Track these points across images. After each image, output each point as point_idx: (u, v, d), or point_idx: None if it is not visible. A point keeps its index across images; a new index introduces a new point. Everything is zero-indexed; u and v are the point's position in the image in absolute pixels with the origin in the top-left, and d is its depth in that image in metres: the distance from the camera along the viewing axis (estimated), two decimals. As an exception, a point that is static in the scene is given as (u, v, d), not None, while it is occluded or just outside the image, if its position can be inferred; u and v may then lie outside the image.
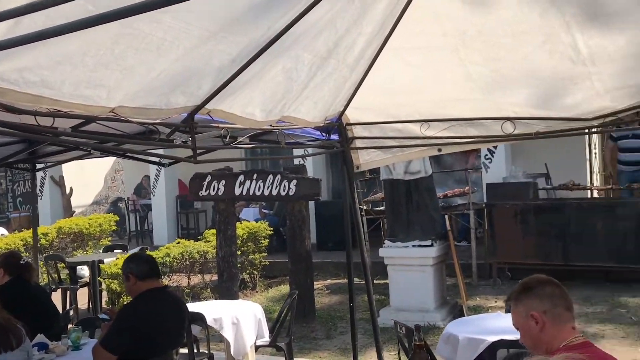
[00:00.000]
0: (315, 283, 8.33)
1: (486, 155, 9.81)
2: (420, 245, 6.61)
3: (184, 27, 2.06)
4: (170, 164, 4.74)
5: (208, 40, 2.23)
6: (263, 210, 11.21)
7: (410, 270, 6.63)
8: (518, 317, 2.23)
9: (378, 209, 8.90)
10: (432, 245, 6.58)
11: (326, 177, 11.76)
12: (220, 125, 2.85)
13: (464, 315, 6.20)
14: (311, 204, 9.23)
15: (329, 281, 9.12)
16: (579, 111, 3.36)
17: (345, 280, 5.82)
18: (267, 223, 9.53)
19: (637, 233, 7.06)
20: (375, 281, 8.45)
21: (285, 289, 8.41)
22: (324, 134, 3.83)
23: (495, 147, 9.50)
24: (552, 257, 7.47)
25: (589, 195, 9.34)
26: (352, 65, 3.14)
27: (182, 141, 2.94)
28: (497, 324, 4.16)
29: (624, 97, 3.16)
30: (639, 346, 5.48)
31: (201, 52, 2.29)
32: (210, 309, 5.10)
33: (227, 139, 2.90)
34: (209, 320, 4.81)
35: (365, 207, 8.89)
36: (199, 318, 4.68)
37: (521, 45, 2.90)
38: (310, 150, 6.81)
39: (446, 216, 7.38)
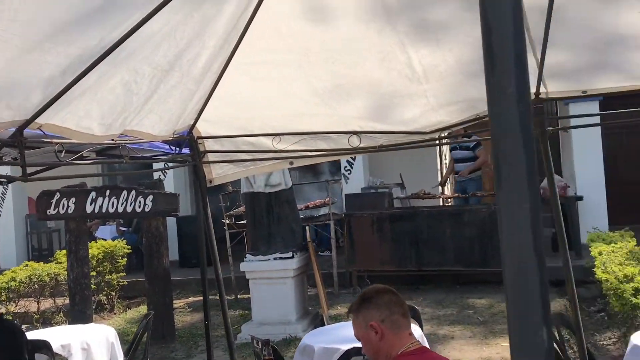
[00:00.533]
0: (176, 301, 8.11)
1: (345, 166, 10.12)
2: (281, 258, 6.65)
3: (2, 36, 1.92)
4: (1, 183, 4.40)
5: (33, 51, 2.09)
6: (121, 228, 10.75)
7: (271, 283, 6.65)
8: (358, 329, 2.30)
9: (241, 222, 8.86)
10: (292, 257, 6.65)
11: (189, 192, 11.53)
12: (54, 140, 2.69)
13: (324, 325, 6.32)
14: (173, 219, 9.00)
15: (191, 299, 8.92)
16: (418, 125, 3.56)
17: (210, 297, 5.72)
18: (124, 241, 9.15)
19: (482, 238, 7.60)
20: (239, 296, 8.40)
21: (145, 309, 8.10)
22: (173, 148, 3.74)
23: (353, 159, 9.83)
24: (407, 263, 7.85)
25: (441, 203, 9.94)
26: (198, 79, 3.09)
27: (12, 158, 2.74)
28: (353, 332, 4.27)
29: (456, 112, 3.39)
30: (484, 345, 5.88)
31: (26, 63, 2.14)
32: (58, 335, 4.80)
33: (63, 155, 2.73)
34: (56, 347, 4.51)
35: (228, 221, 8.82)
36: (44, 346, 4.37)
37: (361, 62, 3.02)
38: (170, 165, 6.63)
39: (307, 227, 7.51)
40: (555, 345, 3.91)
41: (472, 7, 2.66)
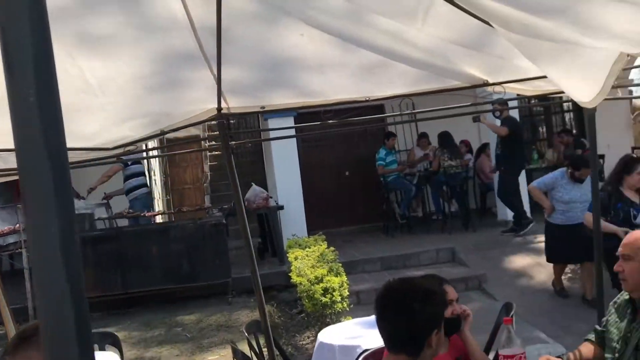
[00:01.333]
0: None
1: (42, 188, 9.21)
2: (-43, 296, 5.74)
3: None
4: None
5: None
6: None
7: (-55, 327, 5.70)
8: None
9: None
10: (-28, 294, 5.78)
11: None
12: None
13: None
14: None
15: None
16: (101, 140, 3.36)
17: None
18: None
19: (189, 253, 7.58)
20: None
21: None
22: None
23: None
24: (113, 287, 7.45)
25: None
26: None
27: None
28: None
29: (140, 127, 3.29)
30: (191, 361, 5.85)
31: None
32: None
33: None
34: None
35: None
36: None
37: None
38: None
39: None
40: (253, 353, 4.04)
41: (137, 24, 2.59)
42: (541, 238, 8.52)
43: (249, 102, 3.41)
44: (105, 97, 2.94)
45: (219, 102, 3.24)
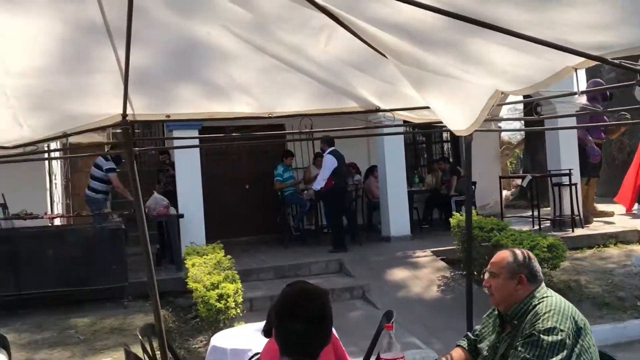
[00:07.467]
0: None
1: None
2: None
3: None
4: None
5: None
6: None
7: None
8: None
9: None
10: None
11: None
12: None
13: None
14: None
15: None
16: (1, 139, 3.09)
17: None
18: None
19: (84, 256, 7.13)
20: None
21: None
22: None
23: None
24: (5, 288, 6.87)
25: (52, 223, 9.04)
26: None
27: None
28: None
29: (42, 128, 3.05)
30: (83, 363, 5.48)
31: None
32: None
33: None
34: None
35: None
36: None
37: None
38: None
39: None
40: (146, 355, 3.84)
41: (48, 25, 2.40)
42: (419, 253, 8.83)
43: (154, 108, 3.25)
44: (4, 95, 2.71)
45: (125, 109, 3.07)
